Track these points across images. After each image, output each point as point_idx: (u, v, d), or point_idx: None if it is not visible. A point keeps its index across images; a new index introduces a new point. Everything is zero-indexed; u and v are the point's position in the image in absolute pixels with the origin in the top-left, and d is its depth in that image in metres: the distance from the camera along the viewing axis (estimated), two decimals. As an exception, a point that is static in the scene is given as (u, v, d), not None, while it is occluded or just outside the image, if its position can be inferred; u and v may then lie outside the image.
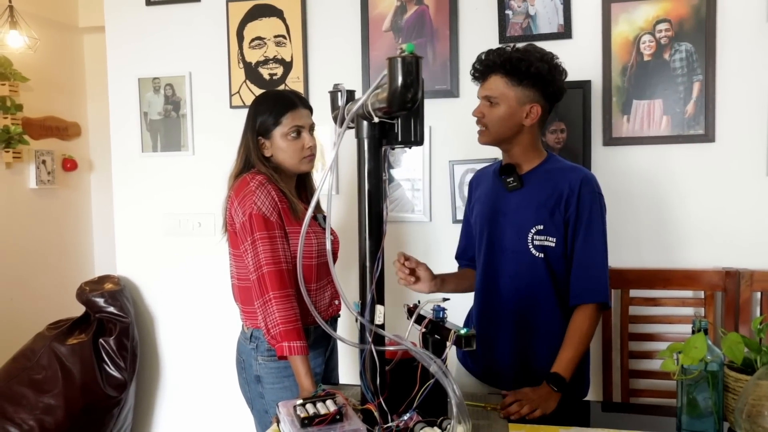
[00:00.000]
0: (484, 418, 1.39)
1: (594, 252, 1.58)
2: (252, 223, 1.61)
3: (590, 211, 1.58)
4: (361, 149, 1.20)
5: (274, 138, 1.70)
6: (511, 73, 1.57)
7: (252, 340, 1.72)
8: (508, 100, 1.59)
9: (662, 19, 2.20)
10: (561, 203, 1.58)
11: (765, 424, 1.11)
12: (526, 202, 1.62)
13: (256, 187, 1.63)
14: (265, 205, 1.62)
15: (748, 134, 2.17)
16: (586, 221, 1.58)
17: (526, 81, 1.57)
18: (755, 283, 2.13)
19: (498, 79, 1.59)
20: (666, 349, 1.27)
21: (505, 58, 1.58)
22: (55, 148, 3.50)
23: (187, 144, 2.67)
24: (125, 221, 2.81)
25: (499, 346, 1.68)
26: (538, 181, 1.63)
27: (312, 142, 1.72)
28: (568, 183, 1.59)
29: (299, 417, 1.18)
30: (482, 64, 1.63)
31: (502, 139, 1.64)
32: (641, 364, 2.25)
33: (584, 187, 1.58)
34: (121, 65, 2.75)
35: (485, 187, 1.76)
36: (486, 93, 1.61)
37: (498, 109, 1.59)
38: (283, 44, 2.53)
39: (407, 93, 1.02)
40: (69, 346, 2.54)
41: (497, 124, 1.60)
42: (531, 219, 1.60)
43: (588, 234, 1.58)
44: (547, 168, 1.65)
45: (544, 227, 1.59)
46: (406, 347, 1.16)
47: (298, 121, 1.70)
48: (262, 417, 1.73)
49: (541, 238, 1.60)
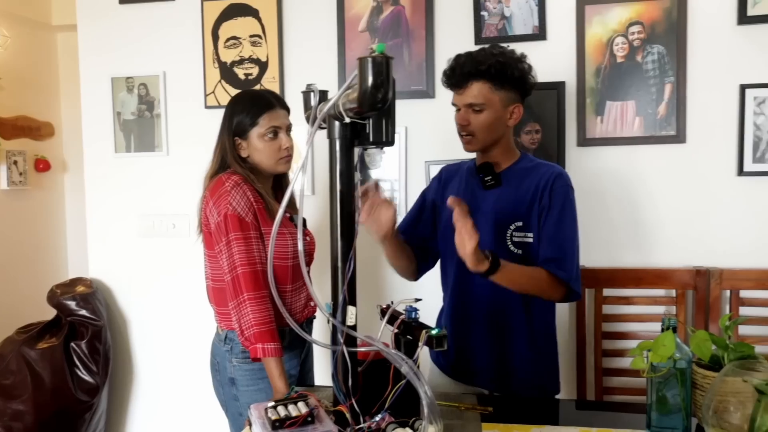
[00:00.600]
0: (457, 418, 1.39)
1: (564, 237, 1.58)
2: (227, 223, 1.59)
3: (563, 201, 1.59)
4: (332, 149, 1.19)
5: (251, 138, 1.68)
6: (494, 78, 1.56)
7: (226, 341, 1.70)
8: (493, 105, 1.58)
9: (635, 21, 2.22)
10: (537, 196, 1.60)
11: (731, 420, 1.13)
12: (505, 200, 1.63)
13: (231, 188, 1.61)
14: (240, 205, 1.60)
15: (719, 135, 2.21)
16: (558, 209, 1.58)
17: (508, 84, 1.58)
18: (724, 281, 2.16)
19: (481, 86, 1.57)
20: (636, 347, 1.28)
21: (489, 64, 1.55)
22: (27, 148, 3.43)
23: (162, 144, 2.64)
24: (98, 223, 2.77)
25: (474, 343, 1.68)
26: (515, 179, 1.64)
27: (289, 142, 1.71)
28: (543, 177, 1.61)
29: (270, 419, 1.16)
30: (461, 71, 1.58)
31: (490, 144, 1.63)
32: (614, 363, 2.28)
33: (558, 180, 1.60)
34: (94, 64, 2.71)
35: (456, 184, 1.75)
36: (470, 101, 1.58)
37: (484, 116, 1.58)
38: (258, 44, 2.52)
39: (377, 93, 1.01)
40: (39, 350, 2.50)
41: (485, 131, 1.59)
42: (510, 216, 1.61)
43: (560, 220, 1.58)
44: (523, 166, 1.66)
45: (523, 223, 1.60)
46: (378, 348, 1.15)
47: (275, 122, 1.68)
48: (237, 420, 1.72)
49: (519, 234, 1.61)
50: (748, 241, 2.21)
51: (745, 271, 2.17)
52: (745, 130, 2.17)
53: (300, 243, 1.17)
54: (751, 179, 2.19)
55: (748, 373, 1.13)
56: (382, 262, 2.48)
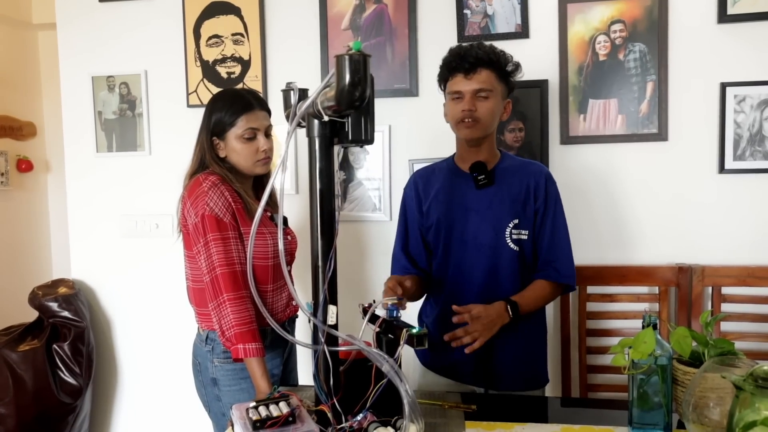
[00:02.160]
0: (441, 416, 1.39)
1: (560, 238, 1.68)
2: (204, 224, 1.58)
3: (556, 202, 1.69)
4: (312, 148, 1.19)
5: (228, 139, 1.67)
6: (499, 68, 1.63)
7: (207, 342, 1.69)
8: (497, 94, 1.63)
9: (617, 19, 2.23)
10: (531, 196, 1.67)
11: (710, 415, 1.13)
12: (500, 198, 1.67)
13: (208, 188, 1.60)
14: (218, 206, 1.59)
15: (700, 133, 2.23)
16: (552, 211, 1.68)
17: (506, 78, 1.65)
18: (706, 278, 2.18)
19: (489, 73, 1.61)
20: (617, 345, 1.29)
21: (495, 53, 1.62)
22: (9, 148, 3.39)
23: (144, 144, 2.62)
24: (80, 223, 2.74)
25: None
26: (506, 177, 1.69)
27: (267, 145, 1.69)
28: (533, 176, 1.68)
29: (251, 420, 1.16)
30: (474, 56, 1.61)
31: (488, 133, 1.67)
32: (599, 360, 2.29)
33: (549, 180, 1.69)
34: (74, 63, 2.68)
35: (440, 186, 1.75)
36: (479, 86, 1.61)
37: (490, 103, 1.62)
38: (241, 42, 2.50)
39: (355, 91, 1.01)
40: (20, 352, 2.46)
41: (488, 117, 1.63)
42: (508, 214, 1.66)
43: (555, 222, 1.68)
44: (509, 164, 1.72)
45: (520, 221, 1.66)
46: (359, 347, 1.15)
47: (253, 124, 1.66)
48: (220, 420, 1.71)
49: (517, 231, 1.66)
50: (729, 238, 2.23)
51: (727, 268, 2.18)
52: (726, 128, 2.19)
53: (280, 242, 1.16)
54: (732, 176, 2.21)
55: (727, 369, 1.14)
56: (363, 261, 2.49)
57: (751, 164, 2.19)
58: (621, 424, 1.32)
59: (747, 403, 0.97)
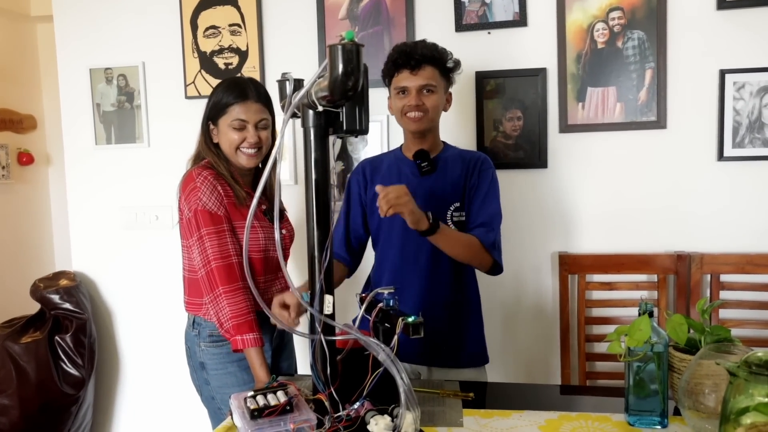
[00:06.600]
0: (439, 405, 1.40)
1: (491, 208, 1.75)
2: (198, 219, 1.60)
3: (490, 180, 1.77)
4: (307, 138, 1.19)
5: (221, 125, 1.69)
6: (440, 65, 1.74)
7: (194, 326, 1.72)
8: (440, 88, 1.75)
9: (615, 7, 2.22)
10: (467, 178, 1.77)
11: (706, 402, 1.14)
12: (441, 183, 1.77)
13: (200, 183, 1.62)
14: (210, 200, 1.61)
15: (699, 121, 2.22)
16: (486, 187, 1.76)
17: (446, 73, 1.77)
18: (705, 266, 2.18)
19: (433, 70, 1.73)
20: (613, 332, 1.29)
21: (437, 51, 1.74)
22: (9, 141, 3.39)
23: (142, 135, 2.62)
24: (80, 216, 2.75)
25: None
26: (447, 163, 1.80)
27: (254, 138, 1.67)
28: (470, 161, 1.79)
29: (249, 409, 1.17)
30: (420, 54, 1.71)
31: (435, 125, 1.79)
32: (598, 348, 2.30)
33: (485, 163, 1.80)
34: (72, 55, 2.68)
35: (387, 174, 1.83)
36: (425, 81, 1.72)
37: (434, 97, 1.74)
38: (238, 33, 2.49)
39: (348, 81, 1.01)
40: (23, 344, 2.48)
41: (434, 110, 1.75)
42: (449, 197, 1.76)
43: (487, 195, 1.76)
44: (450, 153, 1.83)
45: (459, 204, 1.77)
46: (355, 336, 1.16)
47: (242, 115, 1.66)
48: (210, 403, 1.74)
49: (458, 214, 1.76)
50: (728, 225, 2.22)
51: (725, 256, 2.18)
52: (725, 116, 2.18)
53: (276, 233, 1.17)
54: (730, 164, 2.20)
55: (722, 356, 1.14)
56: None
57: (751, 151, 2.18)
58: (619, 411, 1.32)
59: (741, 390, 0.98)
